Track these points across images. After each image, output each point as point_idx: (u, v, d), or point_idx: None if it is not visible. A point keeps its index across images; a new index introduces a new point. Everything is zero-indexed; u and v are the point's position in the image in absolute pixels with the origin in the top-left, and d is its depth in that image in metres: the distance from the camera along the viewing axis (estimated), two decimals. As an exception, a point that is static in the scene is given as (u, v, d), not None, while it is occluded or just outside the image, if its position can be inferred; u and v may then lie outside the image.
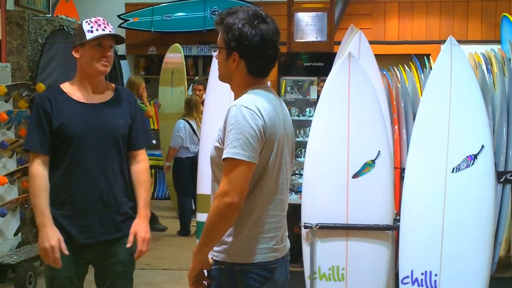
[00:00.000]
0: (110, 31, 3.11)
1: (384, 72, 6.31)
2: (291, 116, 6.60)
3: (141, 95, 8.02)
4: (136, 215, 3.18)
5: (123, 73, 8.15)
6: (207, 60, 10.24)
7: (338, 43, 5.94)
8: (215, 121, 4.47)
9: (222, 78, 2.66)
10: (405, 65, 6.62)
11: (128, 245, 3.10)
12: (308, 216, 4.15)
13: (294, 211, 5.87)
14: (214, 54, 2.78)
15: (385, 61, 7.20)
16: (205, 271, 2.59)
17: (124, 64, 9.04)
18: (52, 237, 3.01)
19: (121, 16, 9.96)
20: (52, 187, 3.09)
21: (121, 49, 9.52)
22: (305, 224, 4.13)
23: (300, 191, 5.90)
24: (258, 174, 2.49)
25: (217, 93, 4.51)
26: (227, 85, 2.77)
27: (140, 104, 7.99)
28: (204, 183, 4.49)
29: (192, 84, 8.84)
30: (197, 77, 9.73)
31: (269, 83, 2.82)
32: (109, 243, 3.15)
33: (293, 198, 6.48)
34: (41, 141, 3.08)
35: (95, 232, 3.11)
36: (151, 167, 9.68)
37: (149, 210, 3.20)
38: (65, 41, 6.57)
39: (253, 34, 2.48)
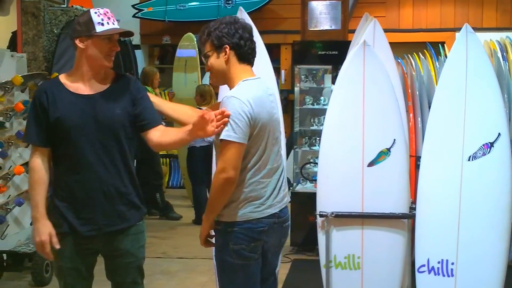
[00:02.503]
0: (117, 25, 3.12)
1: (399, 60, 6.29)
2: (305, 104, 6.70)
3: (155, 86, 8.05)
4: (143, 204, 3.21)
5: (138, 63, 8.17)
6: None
7: (352, 31, 5.92)
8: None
9: (217, 80, 3.24)
10: (419, 53, 6.59)
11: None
12: (324, 204, 4.15)
13: (309, 199, 5.91)
14: (206, 62, 3.22)
15: (399, 49, 7.16)
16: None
17: (138, 54, 9.04)
18: (42, 232, 3.05)
19: (135, 6, 9.98)
20: (55, 180, 3.12)
21: (136, 39, 9.53)
22: (321, 213, 4.13)
23: (315, 180, 5.92)
24: (247, 151, 3.03)
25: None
26: None
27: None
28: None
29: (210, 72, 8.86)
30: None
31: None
32: (114, 234, 3.11)
33: (307, 187, 6.51)
34: (38, 134, 3.10)
35: (98, 224, 3.08)
36: (165, 156, 9.74)
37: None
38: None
39: (233, 28, 3.12)
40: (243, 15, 4.48)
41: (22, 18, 6.62)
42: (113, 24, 3.10)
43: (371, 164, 4.08)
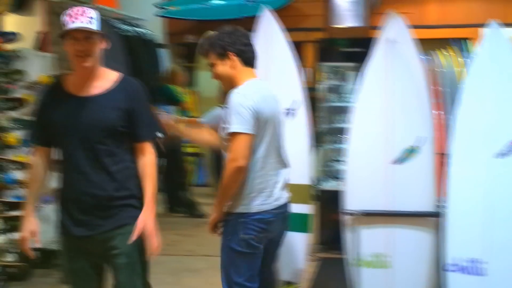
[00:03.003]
0: (81, 23, 2.94)
1: (425, 57, 6.24)
2: (329, 102, 6.66)
3: (180, 85, 8.08)
4: (140, 204, 3.11)
5: (163, 62, 8.21)
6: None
7: (377, 28, 5.89)
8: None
9: (226, 86, 3.45)
10: (445, 49, 6.53)
11: (133, 238, 3.03)
12: (351, 202, 4.14)
13: (333, 197, 5.89)
14: (213, 71, 3.45)
15: (424, 46, 7.09)
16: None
17: (163, 53, 9.08)
18: (25, 228, 3.13)
19: (160, 5, 10.01)
20: (58, 181, 3.16)
21: (160, 38, 9.56)
22: (348, 211, 4.12)
23: (341, 178, 5.91)
24: (254, 144, 3.26)
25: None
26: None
27: (177, 95, 8.04)
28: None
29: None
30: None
31: None
32: (106, 235, 3.07)
33: (334, 185, 6.49)
34: (35, 133, 3.18)
35: (89, 225, 3.07)
36: (190, 154, 9.76)
37: (154, 204, 3.10)
38: (105, 31, 6.63)
39: (234, 36, 3.39)
40: (269, 13, 4.49)
41: (48, 18, 6.67)
42: (73, 23, 2.95)
43: (397, 161, 4.06)
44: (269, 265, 3.61)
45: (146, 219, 3.06)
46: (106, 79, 3.10)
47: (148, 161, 3.12)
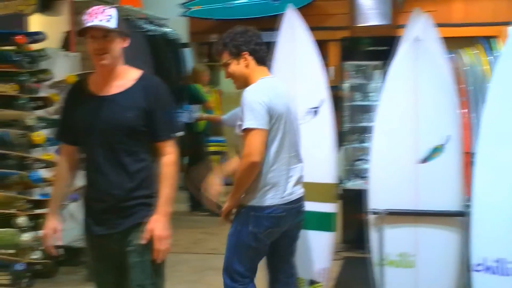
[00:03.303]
0: (99, 21, 2.95)
1: (451, 55, 6.19)
2: (354, 101, 6.65)
3: (204, 84, 8.11)
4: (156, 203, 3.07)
5: (186, 61, 8.23)
6: (269, 46, 10.23)
7: (402, 26, 5.86)
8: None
9: (239, 84, 3.57)
10: (471, 47, 6.47)
11: (143, 242, 3.00)
12: (376, 202, 4.12)
13: (358, 196, 5.87)
14: (226, 70, 3.56)
15: (450, 44, 7.03)
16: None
17: (187, 52, 9.11)
18: (46, 226, 3.16)
19: (183, 5, 10.05)
20: (83, 180, 3.18)
21: (184, 37, 9.59)
22: (373, 210, 4.10)
23: (365, 177, 5.87)
24: (268, 139, 3.35)
25: (282, 80, 4.51)
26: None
27: (201, 94, 8.06)
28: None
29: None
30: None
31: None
32: (124, 233, 3.07)
33: (358, 184, 6.46)
34: (60, 132, 3.21)
35: (108, 224, 3.08)
36: (215, 153, 9.79)
37: (168, 207, 3.05)
38: (131, 31, 6.67)
39: (247, 36, 3.48)
40: (293, 12, 4.48)
41: (73, 18, 6.73)
42: (92, 21, 2.97)
43: (424, 160, 4.04)
44: (285, 259, 3.71)
45: (156, 221, 3.02)
46: (127, 78, 3.09)
47: (166, 161, 3.08)
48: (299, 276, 4.41)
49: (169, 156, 3.08)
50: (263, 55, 3.57)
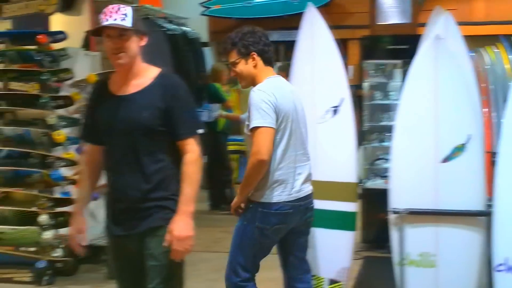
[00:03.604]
0: (114, 20, 2.92)
1: (472, 54, 6.14)
2: (374, 100, 6.63)
3: (224, 83, 8.12)
4: (177, 205, 3.00)
5: (206, 60, 8.25)
6: (288, 45, 10.22)
7: (423, 25, 5.83)
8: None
9: (247, 83, 3.63)
10: (493, 46, 6.42)
11: (165, 244, 2.96)
12: (397, 201, 4.10)
13: (379, 196, 5.83)
14: (232, 69, 3.62)
15: (471, 43, 6.99)
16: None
17: (207, 51, 9.13)
18: (72, 226, 3.19)
19: (203, 4, 10.07)
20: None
21: (204, 36, 9.61)
22: (394, 210, 4.08)
23: (385, 176, 5.84)
24: (275, 137, 3.42)
25: (302, 79, 4.51)
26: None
27: (221, 93, 8.07)
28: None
29: (276, 70, 8.86)
30: (278, 63, 9.74)
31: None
32: (141, 236, 3.04)
33: (378, 183, 6.43)
34: (84, 131, 3.22)
35: (126, 225, 3.06)
36: (234, 152, 9.80)
37: (190, 206, 2.98)
38: (151, 31, 6.70)
39: (257, 36, 3.55)
40: (313, 11, 4.47)
41: (94, 18, 6.77)
42: (107, 21, 2.94)
43: (445, 160, 4.01)
44: (297, 256, 3.77)
45: (176, 222, 2.96)
46: (146, 77, 3.05)
47: (187, 159, 3.02)
48: (319, 275, 4.41)
49: (190, 155, 3.02)
50: (271, 56, 3.64)
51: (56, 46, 5.79)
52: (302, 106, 3.70)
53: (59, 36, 5.77)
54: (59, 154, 5.60)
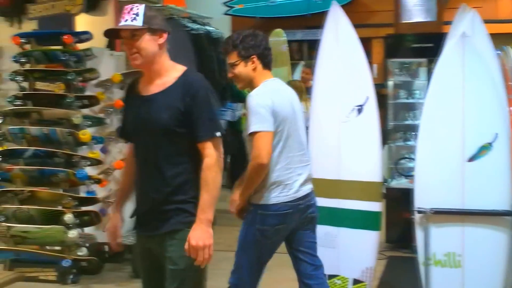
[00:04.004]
0: (125, 21, 2.87)
1: (498, 52, 6.08)
2: (399, 99, 6.59)
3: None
4: (194, 211, 2.90)
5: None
6: (312, 44, 10.21)
7: (447, 23, 5.78)
8: (324, 106, 4.48)
9: (244, 85, 3.65)
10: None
11: (187, 254, 2.89)
12: (422, 200, 4.07)
13: (404, 195, 5.80)
14: (232, 70, 3.61)
15: (497, 40, 6.93)
16: None
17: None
18: (108, 223, 3.20)
19: (227, 4, 10.10)
20: None
21: (227, 35, 9.64)
22: (419, 209, 4.05)
23: (410, 175, 5.81)
24: (273, 140, 3.46)
25: (326, 78, 4.50)
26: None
27: (243, 92, 8.06)
28: (314, 167, 4.49)
29: (300, 67, 8.85)
30: (302, 62, 9.74)
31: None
32: (162, 237, 2.97)
33: (402, 182, 6.40)
34: (121, 129, 3.21)
35: (149, 226, 3.03)
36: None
37: (208, 213, 2.88)
38: (175, 30, 6.72)
39: (258, 40, 3.56)
40: (337, 9, 4.46)
41: (119, 18, 6.80)
42: (123, 22, 2.89)
43: (471, 159, 3.97)
44: (306, 252, 3.79)
45: (193, 230, 2.87)
46: (170, 76, 2.96)
47: (205, 164, 2.90)
48: (343, 275, 4.39)
49: (208, 159, 2.89)
50: (270, 60, 3.66)
51: (81, 46, 5.83)
52: (300, 108, 3.74)
53: (84, 36, 5.81)
54: (84, 153, 5.63)
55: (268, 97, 3.49)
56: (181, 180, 2.94)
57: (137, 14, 2.88)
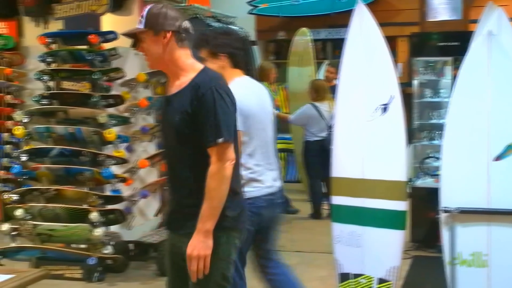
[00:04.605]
0: (135, 27, 2.91)
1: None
2: (424, 98, 6.55)
3: (271, 82, 8.12)
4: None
5: (255, 59, 8.26)
6: (336, 43, 10.19)
7: (473, 21, 5.73)
8: (349, 105, 4.46)
9: None
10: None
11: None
12: (448, 200, 4.03)
13: (429, 195, 5.77)
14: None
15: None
16: None
17: (254, 50, 9.16)
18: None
19: (251, 3, 10.11)
20: None
21: (251, 35, 9.65)
22: (445, 209, 4.02)
23: (436, 175, 5.77)
24: (243, 138, 3.48)
25: (351, 77, 4.48)
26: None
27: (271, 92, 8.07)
28: (338, 166, 4.48)
29: (325, 66, 8.82)
30: (326, 60, 9.71)
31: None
32: (181, 238, 2.96)
33: (427, 182, 6.36)
34: None
35: (171, 224, 3.08)
36: (281, 150, 9.81)
37: (206, 223, 2.81)
38: (199, 29, 6.75)
39: (230, 39, 3.59)
40: (362, 8, 4.44)
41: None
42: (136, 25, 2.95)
43: (498, 158, 3.93)
44: (265, 248, 3.93)
45: (191, 241, 2.84)
46: (187, 76, 2.90)
47: (209, 172, 2.82)
48: (368, 274, 4.37)
49: (211, 167, 2.81)
50: (240, 61, 3.71)
51: (107, 45, 5.88)
52: (270, 105, 3.80)
53: (110, 36, 5.85)
54: (109, 152, 5.68)
55: (236, 96, 3.53)
56: (196, 184, 2.87)
57: (142, 16, 2.89)
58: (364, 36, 4.39)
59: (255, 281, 4.09)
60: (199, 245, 2.82)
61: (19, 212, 5.59)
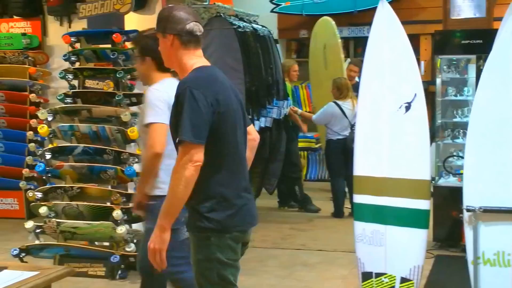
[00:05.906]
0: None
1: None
2: (447, 96, 6.49)
3: (292, 79, 8.10)
4: (198, 212, 2.94)
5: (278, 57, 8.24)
6: (358, 41, 10.15)
7: (497, 19, 5.68)
8: (372, 103, 4.45)
9: (142, 80, 4.14)
10: None
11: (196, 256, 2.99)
12: (471, 199, 4.01)
13: (452, 194, 5.74)
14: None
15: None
16: None
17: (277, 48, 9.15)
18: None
19: (273, 1, 10.10)
20: None
21: (274, 33, 9.64)
22: (468, 208, 3.99)
23: (459, 173, 5.73)
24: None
25: (374, 74, 4.46)
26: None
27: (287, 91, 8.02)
28: (361, 165, 4.47)
29: (348, 65, 8.78)
30: (348, 58, 9.67)
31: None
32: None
33: (450, 181, 6.31)
34: None
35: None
36: (303, 149, 9.80)
37: (161, 219, 2.87)
38: (222, 28, 6.78)
39: (156, 43, 3.14)
40: (385, 6, 4.42)
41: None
42: None
43: (522, 157, 3.90)
44: None
45: (151, 236, 2.94)
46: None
47: (172, 170, 2.89)
48: (391, 273, 4.35)
49: (174, 166, 2.86)
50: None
51: (130, 45, 5.91)
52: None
53: (133, 35, 5.88)
54: (132, 150, 5.71)
55: (164, 92, 3.67)
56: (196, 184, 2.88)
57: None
58: (387, 34, 4.37)
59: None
60: (155, 239, 2.91)
61: (43, 210, 5.64)
